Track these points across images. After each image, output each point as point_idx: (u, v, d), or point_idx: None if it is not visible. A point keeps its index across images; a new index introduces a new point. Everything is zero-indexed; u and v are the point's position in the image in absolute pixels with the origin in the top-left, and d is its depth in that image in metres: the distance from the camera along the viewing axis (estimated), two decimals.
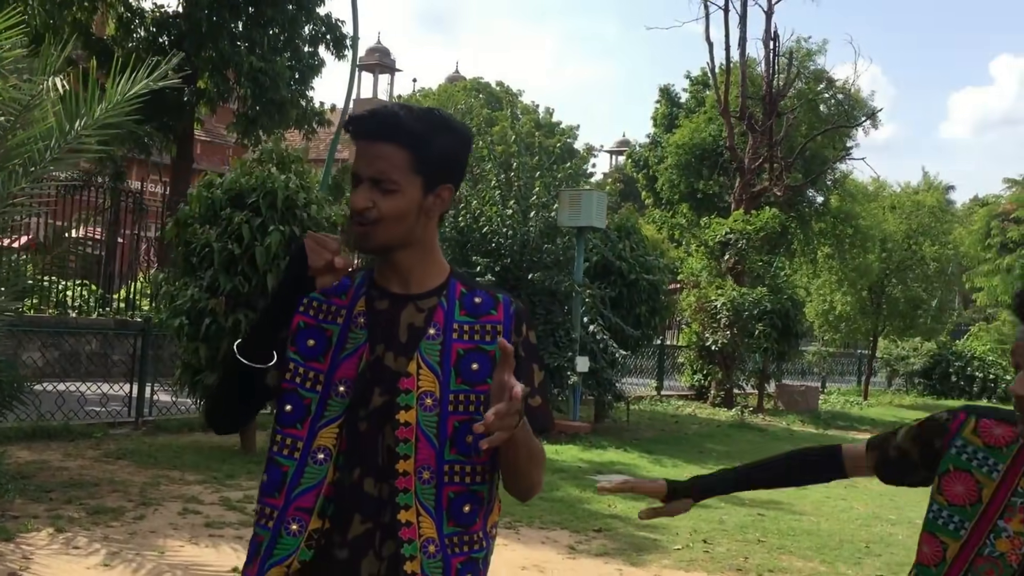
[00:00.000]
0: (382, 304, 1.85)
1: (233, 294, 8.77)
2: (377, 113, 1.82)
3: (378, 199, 1.78)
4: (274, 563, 1.78)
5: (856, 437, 15.11)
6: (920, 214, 23.66)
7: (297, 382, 1.82)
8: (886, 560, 6.73)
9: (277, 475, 1.81)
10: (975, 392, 25.72)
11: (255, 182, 9.12)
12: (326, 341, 1.83)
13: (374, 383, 1.81)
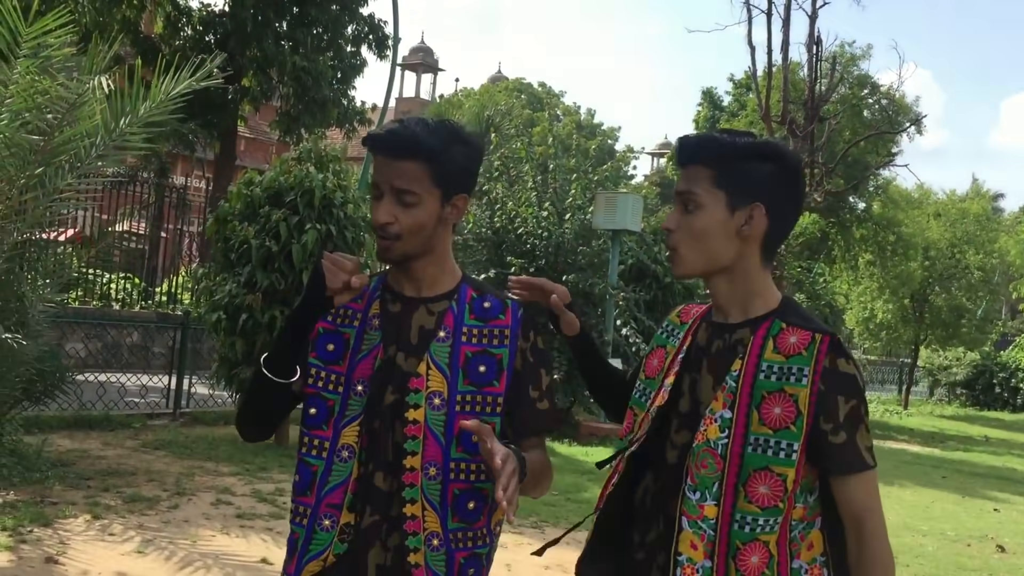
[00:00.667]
0: (395, 307, 1.96)
1: (270, 290, 8.94)
2: (396, 131, 1.91)
3: (400, 213, 1.88)
4: (311, 558, 1.90)
5: (892, 447, 15.00)
6: (965, 222, 23.34)
7: (320, 386, 1.94)
8: (914, 571, 6.72)
9: (308, 475, 1.93)
10: (1019, 404, 25.33)
11: (293, 181, 9.29)
12: (344, 344, 1.94)
13: (386, 382, 1.92)
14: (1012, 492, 11.00)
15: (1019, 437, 18.49)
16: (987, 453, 15.08)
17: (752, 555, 1.73)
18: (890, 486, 10.49)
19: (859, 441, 1.73)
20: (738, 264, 1.83)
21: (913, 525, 8.38)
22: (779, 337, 1.77)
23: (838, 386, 1.72)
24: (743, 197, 1.80)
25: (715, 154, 1.82)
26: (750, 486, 1.73)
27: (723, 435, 1.77)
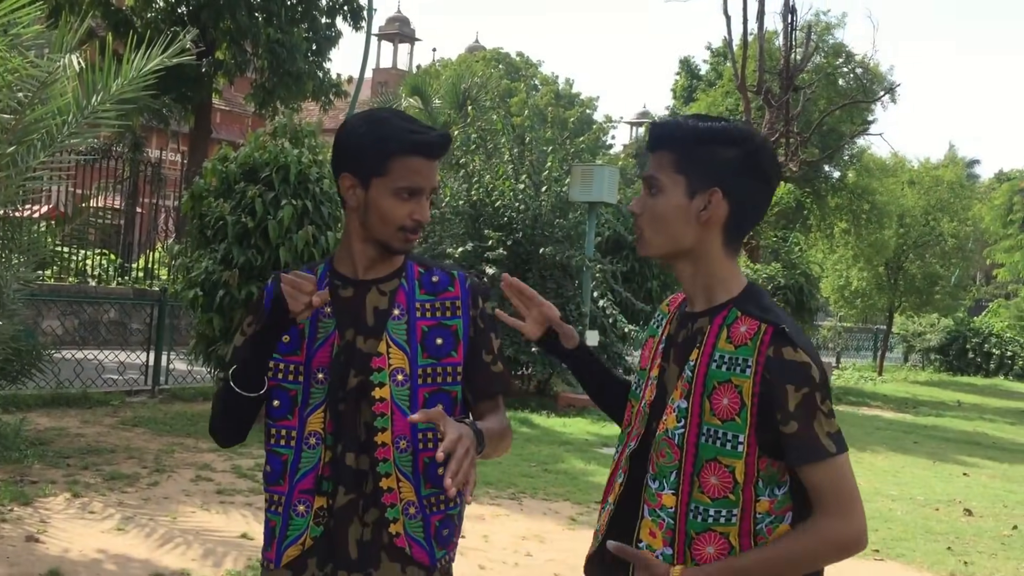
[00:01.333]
0: (346, 292, 2.03)
1: (246, 267, 8.93)
2: (448, 134, 2.09)
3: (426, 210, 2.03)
4: (290, 543, 1.98)
5: (866, 413, 15.22)
6: (939, 189, 23.52)
7: (280, 378, 2.00)
8: (883, 535, 6.86)
9: (278, 464, 2.00)
10: (992, 369, 25.68)
11: (268, 156, 9.26)
12: (299, 335, 2.00)
13: (348, 366, 1.98)
14: (981, 457, 11.21)
15: (991, 402, 18.79)
16: (959, 418, 15.32)
17: (707, 546, 1.77)
18: (863, 452, 10.67)
19: (816, 429, 1.71)
20: (699, 249, 1.84)
21: (883, 490, 8.55)
22: (733, 326, 1.79)
23: (786, 375, 1.71)
24: (702, 182, 1.81)
25: (678, 139, 1.85)
26: (702, 476, 1.77)
27: (680, 425, 1.80)
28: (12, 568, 4.72)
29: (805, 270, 17.83)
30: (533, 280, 12.20)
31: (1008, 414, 16.56)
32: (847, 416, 14.44)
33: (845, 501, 1.73)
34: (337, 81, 21.76)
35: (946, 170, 24.33)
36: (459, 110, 22.73)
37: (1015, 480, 9.76)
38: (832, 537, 1.72)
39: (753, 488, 1.76)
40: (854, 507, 1.73)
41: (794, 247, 18.16)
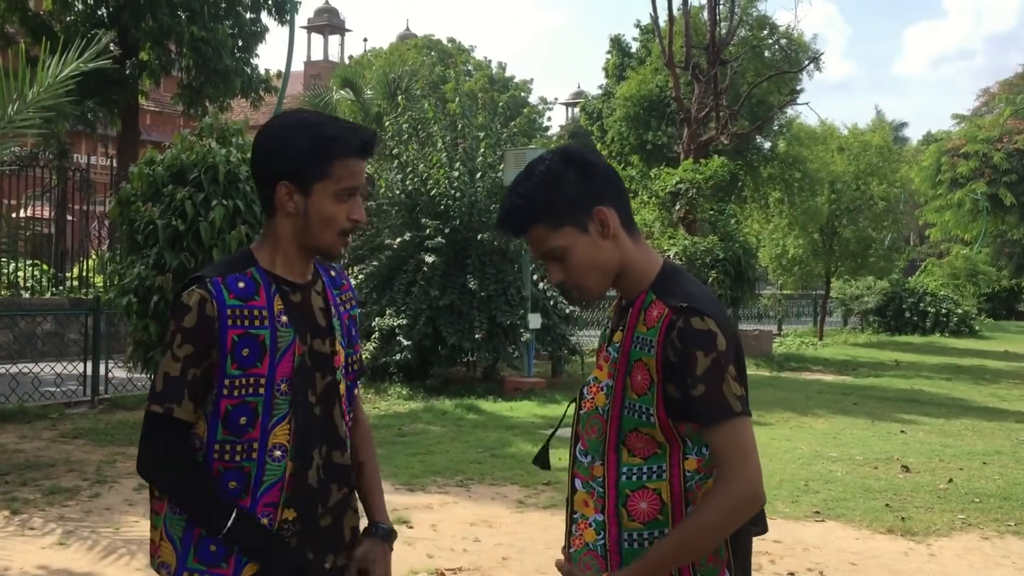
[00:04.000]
0: (295, 296, 2.03)
1: (179, 270, 8.79)
2: (376, 133, 2.17)
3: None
4: (248, 561, 1.95)
5: (807, 378, 15.51)
6: (868, 155, 23.89)
7: (241, 394, 1.95)
8: (823, 496, 7.02)
9: (241, 478, 1.95)
10: (928, 327, 26.29)
11: (196, 157, 9.13)
12: (259, 346, 1.95)
13: (314, 370, 2.01)
14: (918, 413, 11.49)
15: (928, 359, 19.25)
16: (897, 377, 15.68)
17: (641, 501, 1.87)
18: (804, 416, 10.89)
19: (724, 391, 1.80)
20: (623, 259, 1.94)
21: (824, 452, 8.72)
22: (647, 310, 1.88)
23: (694, 343, 1.80)
24: (580, 215, 1.91)
25: (529, 214, 1.93)
26: (628, 443, 1.88)
27: (607, 402, 1.91)
28: None
29: (743, 242, 18.08)
30: (473, 266, 12.21)
31: (944, 370, 16.99)
32: (788, 382, 14.72)
33: (740, 460, 1.80)
34: (266, 77, 21.47)
35: (873, 135, 24.74)
36: (391, 100, 22.57)
37: (951, 435, 10.03)
38: (730, 500, 1.79)
39: (679, 447, 1.86)
40: (748, 464, 1.80)
41: (730, 219, 18.39)
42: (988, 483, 7.61)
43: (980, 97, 48.63)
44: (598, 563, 1.90)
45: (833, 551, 5.70)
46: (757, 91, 22.24)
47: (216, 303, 1.94)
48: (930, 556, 5.68)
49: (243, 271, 2.00)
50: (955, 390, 14.14)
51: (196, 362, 1.93)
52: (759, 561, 5.40)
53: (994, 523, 6.43)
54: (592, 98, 40.00)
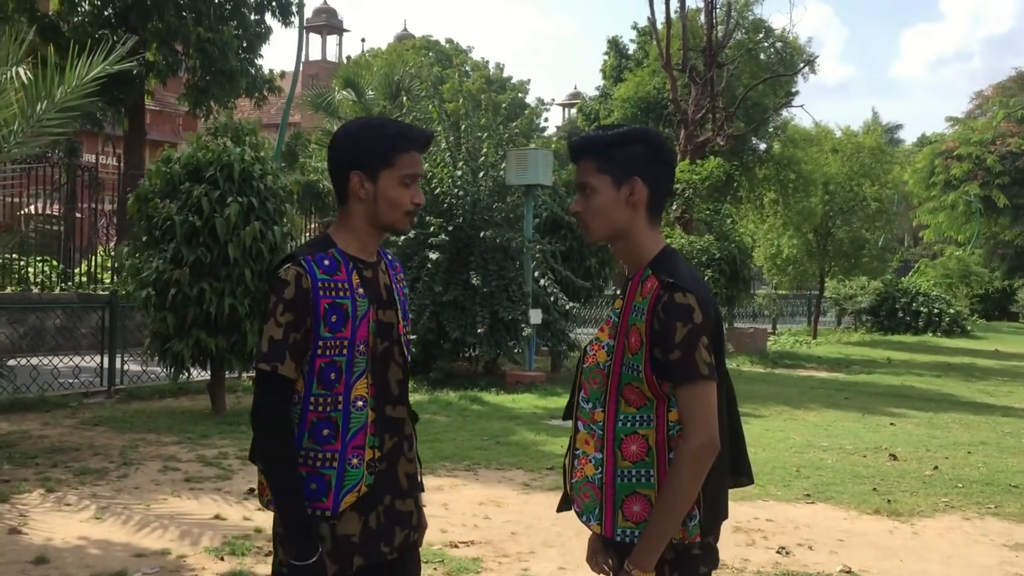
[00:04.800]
0: (368, 273, 2.42)
1: (196, 264, 9.16)
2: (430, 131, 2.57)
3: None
4: (347, 492, 2.34)
5: (801, 375, 15.88)
6: (861, 156, 24.27)
7: (330, 353, 2.33)
8: (814, 481, 7.38)
9: (331, 427, 2.33)
10: (921, 327, 26.69)
11: (212, 156, 9.48)
12: (344, 313, 2.34)
13: (379, 336, 2.40)
14: (908, 408, 11.87)
15: (919, 357, 19.64)
16: (888, 374, 16.07)
17: (632, 444, 2.23)
18: (796, 409, 11.25)
19: (696, 357, 2.14)
20: (630, 226, 2.31)
21: (815, 442, 9.09)
22: (645, 283, 2.25)
23: (675, 315, 2.15)
24: (623, 175, 2.28)
25: (595, 149, 2.31)
26: (625, 394, 2.23)
27: (608, 359, 2.27)
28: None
29: (738, 241, 18.47)
30: (476, 263, 12.55)
31: (935, 368, 17.38)
32: (782, 378, 15.10)
33: (701, 415, 2.14)
34: (270, 77, 21.83)
35: (866, 137, 25.13)
36: (392, 100, 22.93)
37: (939, 427, 10.41)
38: (694, 449, 2.14)
39: (665, 401, 2.21)
40: (708, 419, 2.15)
41: (726, 219, 18.77)
42: (972, 470, 7.98)
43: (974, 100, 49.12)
44: (595, 493, 2.27)
45: (822, 529, 6.05)
46: (753, 93, 22.62)
47: (309, 277, 2.31)
48: (913, 534, 6.04)
49: (326, 251, 2.38)
50: (944, 386, 14.53)
51: (296, 327, 2.30)
52: (752, 537, 5.77)
53: (975, 506, 6.79)
54: (589, 99, 40.34)
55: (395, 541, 2.43)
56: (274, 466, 2.31)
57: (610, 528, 2.24)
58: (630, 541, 2.21)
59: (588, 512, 2.29)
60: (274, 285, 2.33)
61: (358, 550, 2.36)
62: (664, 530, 2.16)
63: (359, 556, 2.36)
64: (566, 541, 5.60)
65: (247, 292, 9.31)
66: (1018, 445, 9.34)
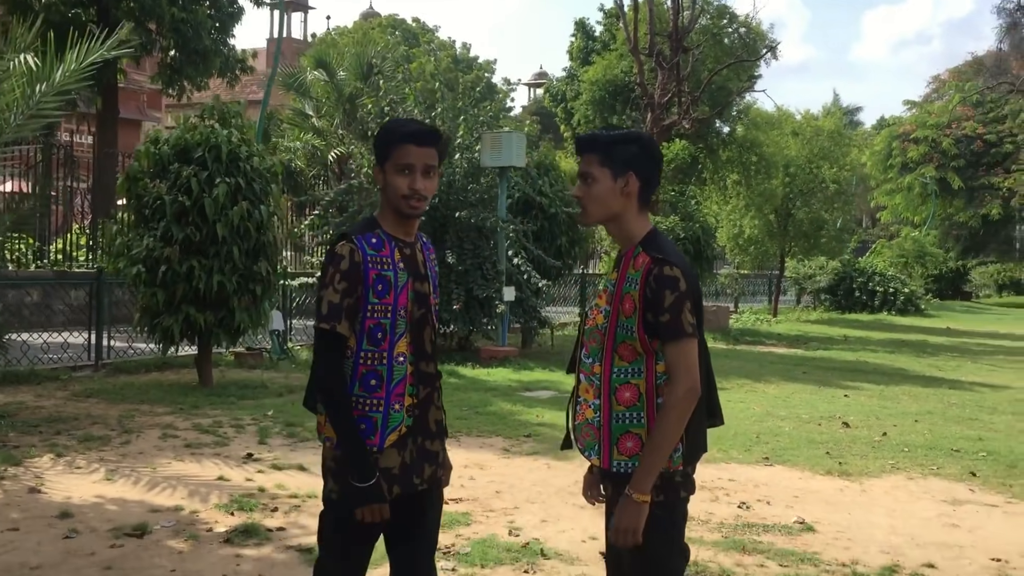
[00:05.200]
0: (407, 251, 2.89)
1: (186, 242, 9.51)
2: (435, 130, 2.93)
3: (429, 184, 2.88)
4: (391, 431, 2.82)
5: (761, 351, 16.51)
6: (820, 139, 24.89)
7: (377, 316, 2.80)
8: (772, 447, 7.94)
9: (377, 377, 2.81)
10: (876, 305, 27.52)
11: (200, 137, 9.81)
12: (387, 283, 2.80)
13: (416, 303, 2.86)
14: (862, 381, 12.52)
15: (874, 335, 20.40)
16: (844, 350, 16.76)
17: (625, 392, 2.71)
18: (757, 383, 11.85)
19: (681, 318, 2.64)
20: (623, 213, 2.79)
21: (774, 412, 9.67)
22: (636, 258, 2.74)
23: (664, 284, 2.65)
24: (621, 169, 2.76)
25: (598, 145, 2.79)
26: (619, 351, 2.72)
27: (604, 321, 2.76)
28: (25, 513, 5.37)
29: (702, 222, 19.02)
30: (451, 242, 12.98)
31: (889, 344, 18.12)
32: (744, 353, 15.72)
33: (685, 367, 2.64)
34: (243, 57, 21.99)
35: (826, 120, 25.81)
36: (364, 80, 23.17)
37: (889, 398, 11.04)
38: (680, 393, 2.63)
39: (653, 356, 2.69)
40: (690, 369, 2.64)
41: (690, 200, 19.30)
42: (917, 437, 8.59)
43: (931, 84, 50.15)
44: (594, 432, 2.76)
45: (779, 487, 6.60)
46: (717, 78, 23.16)
47: (360, 252, 2.78)
48: (862, 492, 6.60)
49: (372, 231, 2.85)
50: (897, 361, 15.23)
51: (349, 294, 2.76)
52: (716, 494, 6.30)
53: (919, 467, 7.38)
54: (556, 80, 40.70)
55: (424, 474, 2.91)
56: (335, 408, 2.77)
57: (607, 461, 2.73)
58: (624, 471, 2.69)
59: (589, 448, 2.78)
60: (331, 258, 2.79)
61: (396, 480, 2.83)
62: (657, 460, 2.64)
63: (397, 485, 2.83)
64: (547, 498, 6.10)
65: (235, 269, 9.68)
66: (962, 414, 9.99)
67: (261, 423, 8.18)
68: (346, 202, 13.68)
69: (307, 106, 24.32)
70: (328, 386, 2.79)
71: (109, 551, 4.77)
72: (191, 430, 7.80)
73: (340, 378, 2.79)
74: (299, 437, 7.70)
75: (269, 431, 7.84)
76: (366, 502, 2.76)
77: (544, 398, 10.17)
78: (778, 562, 4.91)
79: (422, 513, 2.95)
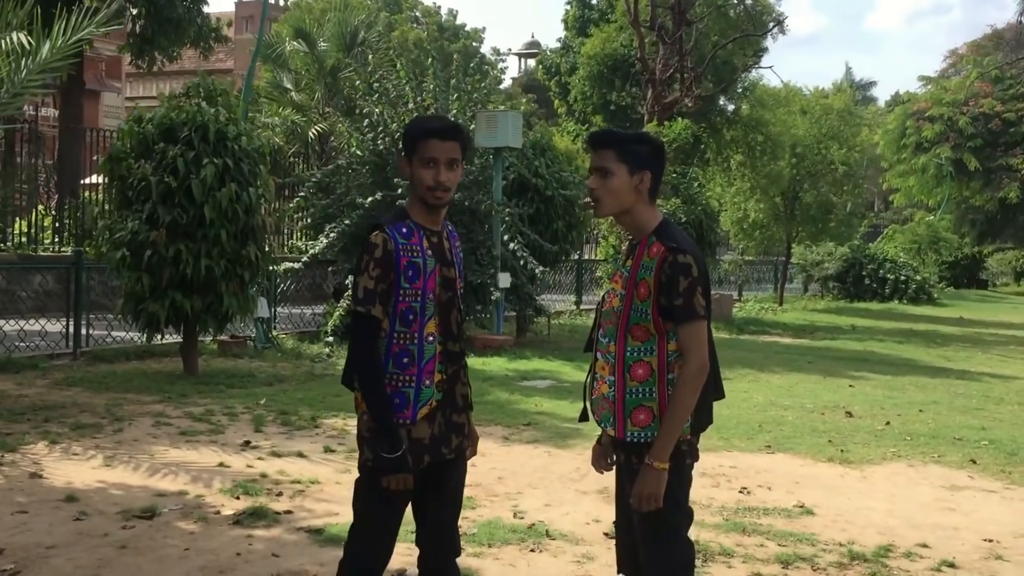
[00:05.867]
0: (434, 239, 3.38)
1: (172, 225, 9.94)
2: (457, 125, 3.43)
3: (453, 176, 3.36)
4: (422, 405, 3.32)
5: (767, 340, 17.07)
6: (829, 118, 25.34)
7: (408, 299, 3.29)
8: (775, 435, 8.47)
9: (408, 356, 3.31)
10: (887, 293, 28.12)
11: (186, 116, 10.22)
12: (417, 269, 3.29)
13: (443, 287, 3.36)
14: (868, 371, 13.09)
15: (883, 324, 20.99)
16: (852, 340, 17.35)
17: (639, 369, 3.23)
18: (761, 372, 12.40)
19: (694, 302, 3.16)
20: (634, 206, 3.31)
21: (778, 401, 10.21)
22: (651, 247, 3.25)
23: (678, 271, 3.17)
24: (636, 166, 3.28)
25: (616, 141, 3.30)
26: (632, 332, 3.24)
27: (620, 304, 3.26)
28: (30, 497, 5.84)
29: (705, 206, 19.49)
30: None
31: (898, 334, 18.71)
32: (747, 343, 16.28)
33: (696, 346, 3.17)
34: (217, 25, 22.34)
35: (835, 98, 26.34)
36: (347, 52, 23.56)
37: (896, 389, 11.60)
38: (692, 370, 3.16)
39: (665, 336, 3.19)
40: (701, 348, 3.18)
41: (693, 182, 19.77)
42: (921, 426, 9.15)
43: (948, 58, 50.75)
44: (609, 406, 3.28)
45: (780, 474, 7.13)
46: (722, 53, 23.66)
47: (392, 241, 3.27)
48: (862, 478, 7.14)
49: (403, 221, 3.34)
50: (905, 351, 15.83)
51: (383, 279, 3.25)
52: (717, 480, 6.82)
53: (920, 455, 7.93)
54: (550, 51, 41.08)
55: (452, 444, 3.42)
56: (368, 384, 3.26)
57: (622, 432, 3.24)
58: (638, 440, 3.21)
59: (605, 420, 3.30)
60: (366, 247, 3.29)
61: (427, 450, 3.33)
62: (674, 430, 3.17)
63: (427, 455, 3.34)
64: (549, 484, 6.61)
65: (223, 253, 10.11)
66: (967, 404, 10.56)
67: (255, 411, 8.65)
68: (333, 183, 14.12)
69: (285, 78, 24.64)
70: (363, 365, 3.29)
71: (121, 532, 5.25)
72: (184, 418, 8.27)
73: (375, 357, 3.27)
74: (295, 426, 8.18)
75: (264, 419, 8.32)
76: (393, 471, 3.25)
77: (542, 388, 10.67)
78: (777, 542, 5.44)
79: (449, 479, 3.45)
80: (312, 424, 8.30)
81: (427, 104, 14.14)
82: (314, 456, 7.16)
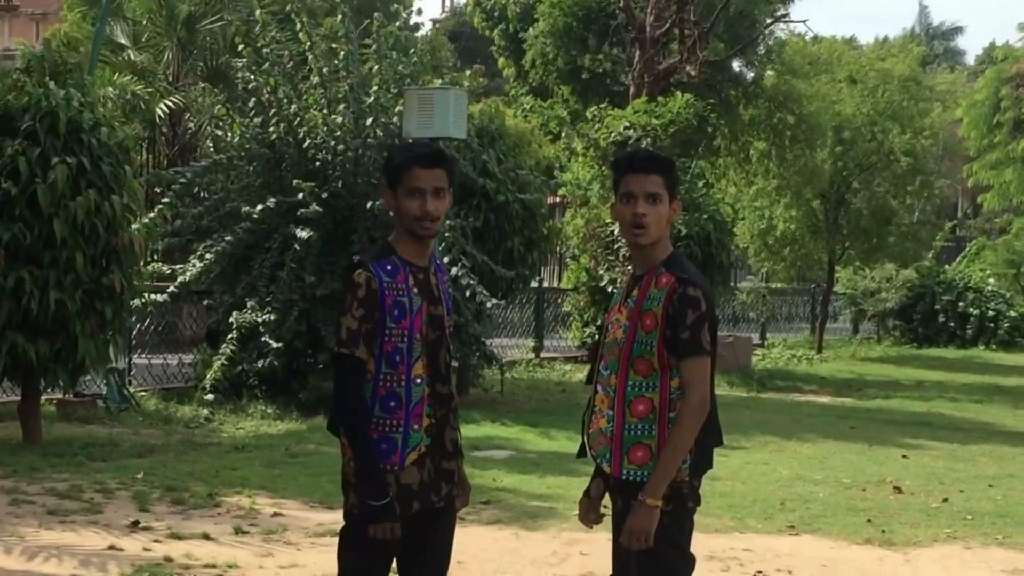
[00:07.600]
0: (420, 276, 4.80)
1: (12, 245, 10.98)
2: (441, 151, 4.97)
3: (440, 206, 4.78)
4: (411, 450, 4.68)
5: (798, 399, 18.73)
6: (889, 89, 26.43)
7: (395, 340, 4.68)
8: (800, 514, 10.04)
9: (396, 399, 4.68)
10: (969, 335, 29.49)
11: (28, 101, 11.32)
12: (403, 308, 4.69)
13: (431, 326, 4.77)
14: (928, 438, 14.86)
15: (959, 378, 22.73)
16: (912, 399, 19.15)
17: (639, 405, 4.70)
18: (787, 440, 14.08)
19: (700, 336, 4.61)
20: (664, 234, 4.78)
21: (806, 475, 11.84)
22: (659, 277, 4.70)
23: (687, 304, 4.60)
24: (674, 193, 4.78)
25: (663, 167, 4.78)
26: (635, 365, 4.71)
27: (623, 336, 4.74)
28: None
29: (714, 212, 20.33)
30: (360, 243, 14.37)
31: (978, 391, 20.48)
32: (770, 403, 17.96)
33: (699, 381, 4.62)
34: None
35: (897, 61, 27.41)
36: None
37: (962, 460, 13.32)
38: (693, 405, 4.61)
39: (668, 372, 4.68)
40: (704, 383, 4.64)
41: (697, 181, 20.66)
42: (987, 503, 10.81)
43: None
44: (606, 442, 4.72)
45: (804, 558, 8.69)
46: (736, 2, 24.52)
47: (377, 280, 4.64)
48: (905, 562, 8.73)
49: (388, 258, 4.75)
50: (983, 413, 17.67)
51: (367, 320, 4.63)
52: (728, 564, 8.38)
53: (982, 536, 9.56)
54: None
55: (441, 492, 4.85)
56: (354, 430, 4.71)
57: (618, 469, 4.74)
58: (634, 479, 4.71)
59: (601, 456, 4.80)
60: (349, 286, 4.67)
61: (416, 496, 4.76)
62: (670, 467, 4.62)
63: (417, 501, 4.76)
64: (521, 569, 8.14)
65: (78, 283, 11.20)
66: None
67: (132, 487, 10.00)
68: (209, 183, 15.30)
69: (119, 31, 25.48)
70: (347, 409, 4.72)
71: None
72: (47, 495, 9.61)
73: (358, 401, 4.69)
74: (189, 504, 9.56)
75: (148, 497, 9.68)
76: (380, 520, 4.64)
77: (500, 458, 12.15)
78: None
79: (438, 530, 4.90)
80: (211, 502, 9.68)
81: (340, 77, 15.33)
82: (223, 538, 8.55)
